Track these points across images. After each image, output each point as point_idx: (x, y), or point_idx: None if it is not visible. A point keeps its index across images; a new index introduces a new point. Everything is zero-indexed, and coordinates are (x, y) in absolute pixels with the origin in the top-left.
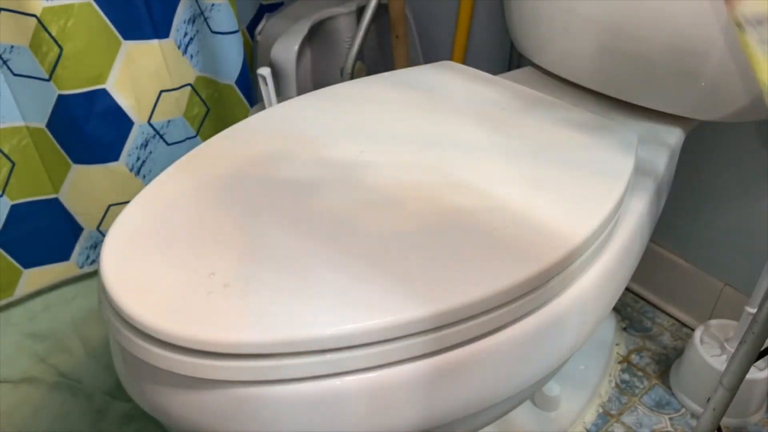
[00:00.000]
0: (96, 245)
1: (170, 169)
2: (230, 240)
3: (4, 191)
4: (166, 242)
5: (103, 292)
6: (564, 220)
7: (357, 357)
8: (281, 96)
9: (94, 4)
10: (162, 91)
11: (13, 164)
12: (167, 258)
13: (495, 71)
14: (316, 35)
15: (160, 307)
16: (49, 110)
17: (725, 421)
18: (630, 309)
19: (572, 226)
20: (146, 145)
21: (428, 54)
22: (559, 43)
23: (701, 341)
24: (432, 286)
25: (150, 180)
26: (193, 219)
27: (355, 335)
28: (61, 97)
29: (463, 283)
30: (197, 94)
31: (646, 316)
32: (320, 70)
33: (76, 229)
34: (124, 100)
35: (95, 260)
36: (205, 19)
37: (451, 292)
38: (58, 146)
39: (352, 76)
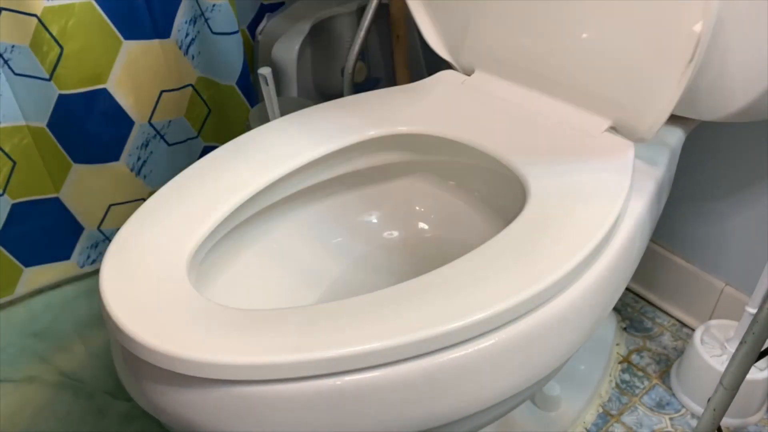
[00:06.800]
0: (97, 244)
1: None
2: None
3: (5, 190)
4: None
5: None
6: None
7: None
8: (282, 96)
9: (95, 4)
10: (163, 91)
11: (14, 163)
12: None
13: None
14: (317, 35)
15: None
16: (50, 110)
17: (725, 422)
18: (630, 309)
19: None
20: (147, 145)
21: (429, 54)
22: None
23: (702, 341)
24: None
25: (150, 180)
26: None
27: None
28: (61, 97)
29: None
30: (198, 94)
31: (646, 316)
32: (321, 70)
33: (77, 229)
34: (124, 99)
35: (96, 259)
36: (206, 20)
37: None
38: (58, 146)
39: (353, 76)
